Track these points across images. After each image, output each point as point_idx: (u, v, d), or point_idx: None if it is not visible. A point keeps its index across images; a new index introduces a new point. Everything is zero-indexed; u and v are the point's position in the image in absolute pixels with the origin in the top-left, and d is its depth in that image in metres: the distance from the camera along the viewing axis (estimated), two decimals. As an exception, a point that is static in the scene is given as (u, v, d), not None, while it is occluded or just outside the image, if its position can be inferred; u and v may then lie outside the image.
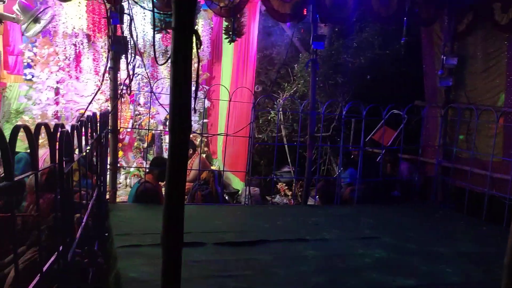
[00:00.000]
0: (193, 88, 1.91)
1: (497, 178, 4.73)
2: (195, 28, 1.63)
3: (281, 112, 6.57)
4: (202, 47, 7.24)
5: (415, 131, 5.72)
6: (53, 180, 3.14)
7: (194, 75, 1.92)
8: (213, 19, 7.58)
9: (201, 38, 7.23)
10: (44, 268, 1.71)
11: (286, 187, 6.31)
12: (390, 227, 4.00)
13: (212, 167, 6.72)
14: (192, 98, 1.74)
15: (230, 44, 6.09)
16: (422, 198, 5.37)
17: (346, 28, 7.17)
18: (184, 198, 1.69)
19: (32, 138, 1.66)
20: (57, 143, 2.03)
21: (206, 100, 7.20)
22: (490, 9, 4.87)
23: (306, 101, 5.34)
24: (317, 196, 5.25)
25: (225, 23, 5.94)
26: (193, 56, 1.69)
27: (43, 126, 2.02)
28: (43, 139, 5.00)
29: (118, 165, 5.07)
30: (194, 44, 1.72)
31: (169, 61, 1.65)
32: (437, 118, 5.59)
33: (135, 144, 7.07)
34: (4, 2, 4.41)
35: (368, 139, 6.00)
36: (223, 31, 6.08)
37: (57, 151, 1.98)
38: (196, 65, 5.61)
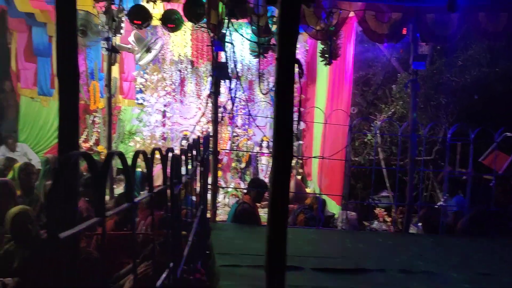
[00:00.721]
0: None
1: None
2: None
3: (378, 134, 6.36)
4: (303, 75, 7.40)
5: (533, 156, 5.15)
6: (161, 198, 3.38)
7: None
8: (308, 42, 7.67)
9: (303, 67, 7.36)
10: (158, 283, 1.82)
11: (385, 212, 6.04)
12: (505, 263, 3.61)
13: (306, 189, 6.70)
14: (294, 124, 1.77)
15: (326, 66, 6.10)
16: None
17: (449, 46, 6.76)
18: (287, 222, 1.71)
19: (149, 162, 1.78)
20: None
21: (301, 122, 7.25)
22: None
23: (406, 124, 5.10)
24: (420, 224, 4.93)
25: (320, 46, 5.98)
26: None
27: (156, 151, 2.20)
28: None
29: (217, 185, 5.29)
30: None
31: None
32: (561, 142, 4.97)
33: (233, 164, 7.34)
34: (121, 34, 4.93)
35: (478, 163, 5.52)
36: (319, 54, 6.11)
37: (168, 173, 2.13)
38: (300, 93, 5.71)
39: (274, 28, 5.20)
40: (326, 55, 5.37)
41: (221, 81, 4.93)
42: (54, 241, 0.96)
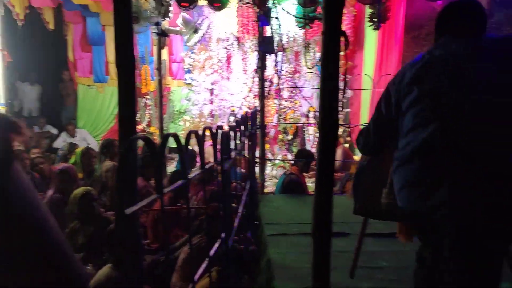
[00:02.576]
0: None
1: None
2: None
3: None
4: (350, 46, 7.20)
5: None
6: (212, 174, 3.56)
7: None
8: (355, 7, 7.46)
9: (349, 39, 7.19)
10: (211, 253, 1.98)
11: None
12: None
13: (354, 158, 6.67)
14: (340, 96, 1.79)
15: (374, 31, 5.93)
16: None
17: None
18: (333, 191, 1.76)
19: (201, 141, 1.84)
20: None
21: (348, 89, 7.16)
22: None
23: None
24: None
25: (368, 10, 5.79)
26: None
27: (207, 130, 2.33)
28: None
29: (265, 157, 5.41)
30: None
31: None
32: None
33: (280, 137, 7.43)
34: (170, 18, 5.08)
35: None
36: (367, 18, 5.93)
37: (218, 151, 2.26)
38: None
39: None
40: (374, 19, 5.22)
41: (267, 55, 4.97)
42: (122, 216, 1.12)
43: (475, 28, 1.62)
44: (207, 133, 2.23)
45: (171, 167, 6.22)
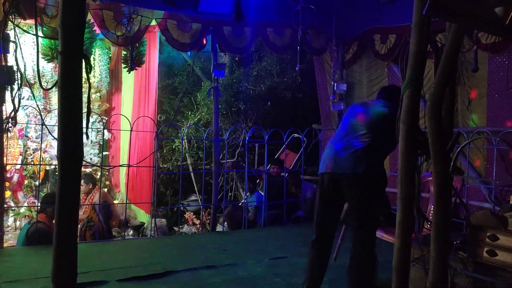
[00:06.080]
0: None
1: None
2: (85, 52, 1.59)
3: (185, 140, 6.52)
4: (93, 71, 6.91)
5: (314, 153, 6.03)
6: None
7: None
8: (111, 49, 7.36)
9: (93, 63, 6.93)
10: None
11: (194, 216, 6.19)
12: (297, 246, 4.12)
13: (115, 201, 6.38)
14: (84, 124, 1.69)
15: (129, 73, 5.95)
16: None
17: (245, 57, 7.43)
18: (77, 233, 1.59)
19: None
20: None
21: (106, 131, 6.87)
22: (371, 40, 5.40)
23: (210, 128, 5.37)
24: (225, 222, 5.25)
25: (123, 52, 5.81)
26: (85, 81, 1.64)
27: None
28: None
29: (6, 206, 4.60)
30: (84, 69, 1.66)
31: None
32: (333, 140, 5.96)
33: (26, 182, 6.44)
34: None
35: (275, 158, 6.17)
36: (122, 61, 5.92)
37: None
38: (89, 91, 5.34)
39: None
40: (128, 62, 5.26)
41: (6, 87, 4.34)
42: None
43: (391, 97, 2.84)
44: None
45: None
